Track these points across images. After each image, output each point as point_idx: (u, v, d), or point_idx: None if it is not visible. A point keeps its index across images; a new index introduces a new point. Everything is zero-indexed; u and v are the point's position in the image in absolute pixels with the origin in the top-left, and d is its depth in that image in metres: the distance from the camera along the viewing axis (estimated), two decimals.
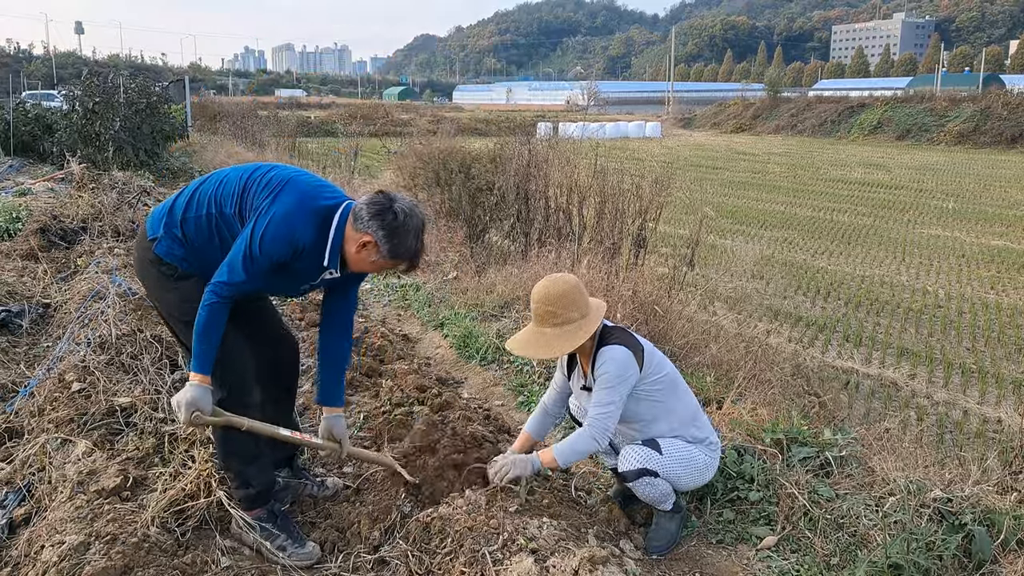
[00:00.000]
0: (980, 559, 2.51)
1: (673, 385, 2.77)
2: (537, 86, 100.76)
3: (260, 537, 2.65)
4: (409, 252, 2.46)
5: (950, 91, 40.03)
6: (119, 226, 7.09)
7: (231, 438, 2.61)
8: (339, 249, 2.48)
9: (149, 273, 2.64)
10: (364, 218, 2.42)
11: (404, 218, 2.42)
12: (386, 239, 2.41)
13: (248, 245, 2.41)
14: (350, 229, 2.46)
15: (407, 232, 2.43)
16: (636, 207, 6.57)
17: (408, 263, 2.51)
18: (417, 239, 2.47)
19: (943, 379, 6.50)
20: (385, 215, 2.41)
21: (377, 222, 2.40)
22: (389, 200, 2.44)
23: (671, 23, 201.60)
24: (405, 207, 2.44)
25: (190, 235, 2.56)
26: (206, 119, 24.81)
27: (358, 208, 2.45)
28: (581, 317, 2.64)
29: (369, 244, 2.43)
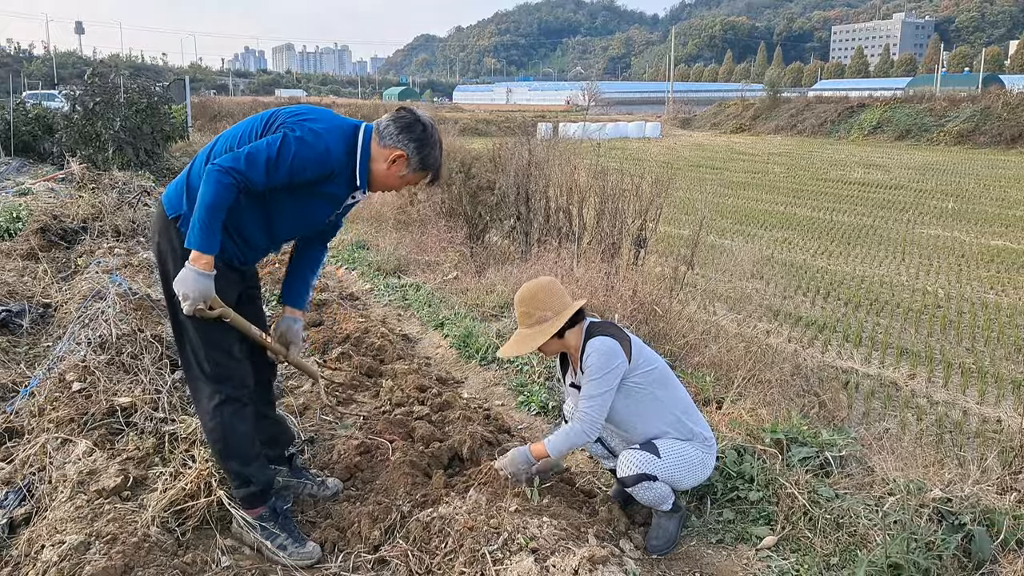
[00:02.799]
0: (980, 559, 2.52)
1: (664, 379, 2.79)
2: (537, 86, 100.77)
3: (260, 536, 2.65)
4: (436, 164, 2.59)
5: (950, 91, 40.08)
6: (119, 226, 7.09)
7: (229, 439, 2.60)
8: (367, 169, 2.54)
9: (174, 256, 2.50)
10: (393, 133, 2.51)
11: (432, 129, 2.55)
12: (417, 151, 2.51)
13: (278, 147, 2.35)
14: (376, 147, 2.53)
15: (434, 144, 2.55)
16: (636, 207, 6.57)
17: (433, 174, 2.62)
18: (440, 152, 2.60)
19: (943, 379, 6.50)
20: (414, 127, 2.51)
21: (407, 135, 2.50)
22: (413, 114, 2.54)
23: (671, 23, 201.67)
24: (426, 119, 2.56)
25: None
26: (206, 119, 24.83)
27: (383, 125, 2.53)
28: (554, 315, 2.73)
29: (400, 158, 2.52)
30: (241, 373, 2.63)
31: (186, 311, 2.40)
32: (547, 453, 2.75)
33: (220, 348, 2.56)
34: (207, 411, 2.60)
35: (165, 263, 2.54)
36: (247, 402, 2.64)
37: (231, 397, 2.58)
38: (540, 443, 2.78)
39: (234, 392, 2.59)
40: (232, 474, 2.66)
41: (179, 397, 3.49)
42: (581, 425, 2.67)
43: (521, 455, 2.79)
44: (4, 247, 6.34)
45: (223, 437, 2.60)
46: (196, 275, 2.35)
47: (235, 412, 2.59)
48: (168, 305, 2.61)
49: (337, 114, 2.66)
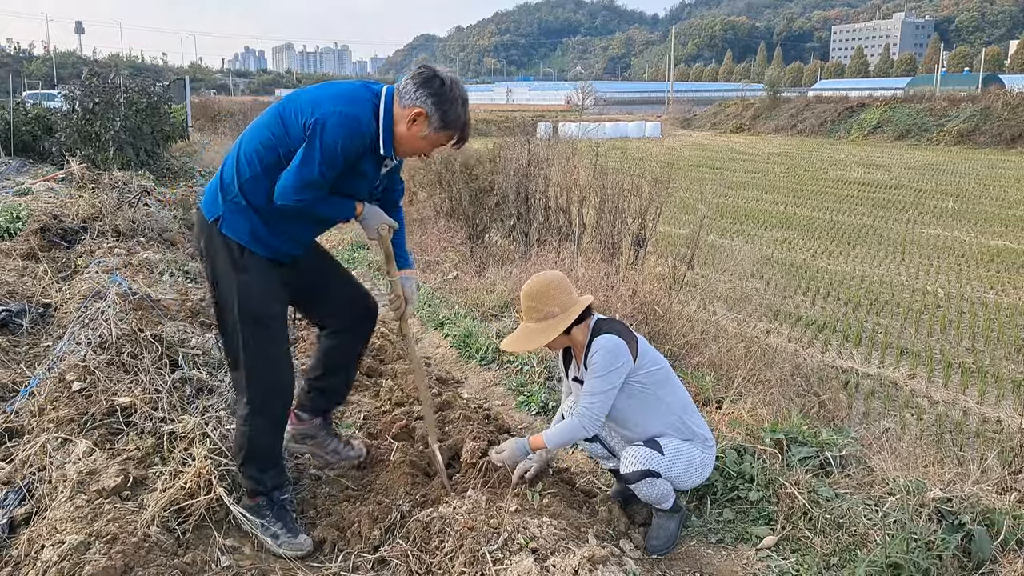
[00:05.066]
0: (980, 559, 2.51)
1: (667, 380, 2.80)
2: (537, 86, 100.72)
3: (256, 524, 2.67)
4: (459, 121, 2.45)
5: (950, 91, 40.04)
6: (119, 226, 7.08)
7: (253, 448, 2.67)
8: (391, 133, 2.46)
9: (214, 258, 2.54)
10: (411, 91, 2.41)
11: (451, 84, 2.42)
12: (436, 107, 2.40)
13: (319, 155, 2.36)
14: (397, 108, 2.44)
15: (455, 100, 2.41)
16: (636, 207, 6.58)
17: (459, 134, 2.50)
18: (464, 109, 2.45)
19: (943, 379, 6.50)
20: (432, 82, 2.40)
21: (425, 90, 2.39)
22: (432, 69, 2.43)
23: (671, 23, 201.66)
24: (448, 74, 2.44)
25: (254, 199, 2.48)
26: (206, 119, 24.81)
27: (403, 84, 2.44)
28: (562, 312, 2.70)
29: (420, 117, 2.41)
30: (284, 387, 2.68)
31: (382, 235, 2.66)
32: (545, 445, 2.75)
33: (266, 356, 2.60)
34: (241, 415, 2.67)
35: (214, 266, 2.56)
36: (282, 415, 2.72)
37: (269, 410, 2.65)
38: (538, 435, 2.78)
39: (273, 405, 2.66)
40: (246, 473, 2.72)
41: (179, 397, 3.49)
42: (581, 420, 2.67)
43: (520, 447, 2.79)
44: (4, 247, 6.33)
45: (248, 443, 2.66)
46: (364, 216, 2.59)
47: (265, 424, 2.66)
48: (216, 308, 2.63)
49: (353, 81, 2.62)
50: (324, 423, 3.04)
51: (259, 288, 2.53)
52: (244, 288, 2.52)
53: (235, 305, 2.53)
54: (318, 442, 3.01)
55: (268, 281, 2.56)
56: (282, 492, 2.80)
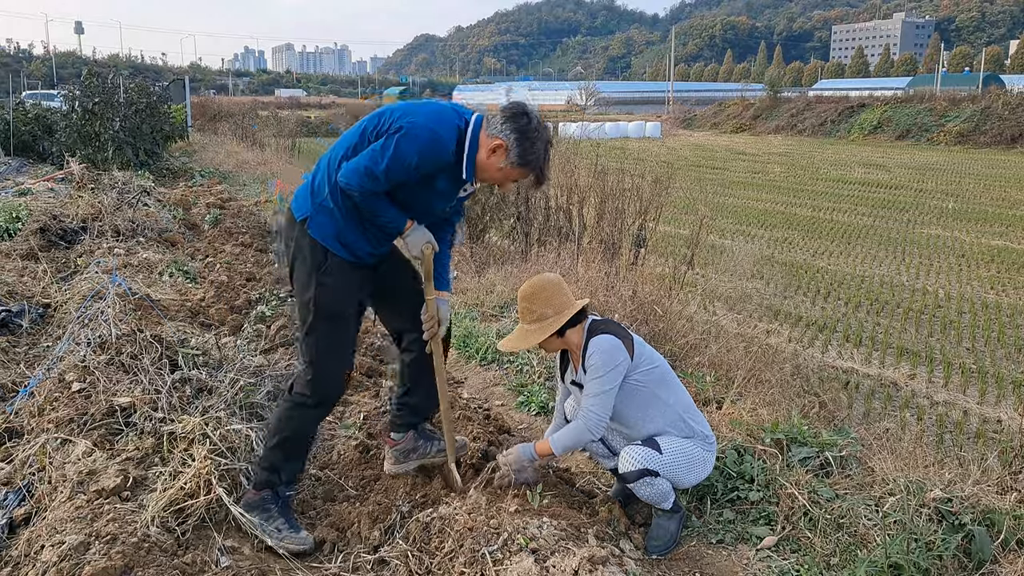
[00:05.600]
0: (980, 559, 2.51)
1: (665, 378, 2.80)
2: (537, 86, 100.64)
3: (259, 516, 2.69)
4: (538, 161, 2.52)
5: (950, 91, 40.01)
6: (119, 226, 7.09)
7: (289, 434, 2.74)
8: (474, 159, 2.54)
9: (300, 259, 2.67)
10: (498, 122, 2.50)
11: (537, 124, 2.50)
12: (518, 143, 2.48)
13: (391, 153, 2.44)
14: (483, 136, 2.53)
15: (537, 139, 2.49)
16: (636, 207, 6.58)
17: (536, 174, 2.56)
18: (546, 150, 2.53)
19: (943, 379, 6.50)
20: (519, 119, 2.49)
21: (511, 125, 2.48)
22: (523, 107, 2.53)
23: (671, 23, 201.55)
24: (536, 116, 2.52)
25: (342, 202, 2.59)
26: (206, 119, 24.82)
27: (492, 114, 2.53)
28: (555, 314, 2.72)
29: (500, 148, 2.49)
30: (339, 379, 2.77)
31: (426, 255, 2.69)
32: (551, 451, 2.74)
33: (333, 353, 2.71)
34: (291, 401, 2.75)
35: (300, 263, 2.68)
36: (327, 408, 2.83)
37: (321, 403, 2.74)
38: (544, 441, 2.77)
39: (325, 399, 2.75)
40: (269, 459, 2.77)
41: (178, 397, 3.49)
42: (586, 423, 2.67)
43: (526, 453, 2.78)
44: (4, 247, 6.33)
45: (284, 429, 2.73)
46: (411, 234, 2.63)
47: (309, 416, 2.76)
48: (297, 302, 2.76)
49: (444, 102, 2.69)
50: (418, 433, 3.07)
51: (338, 289, 2.65)
52: (323, 288, 2.64)
53: (312, 302, 2.65)
54: (420, 452, 3.05)
55: (347, 283, 2.67)
56: (288, 488, 2.83)
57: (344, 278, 2.65)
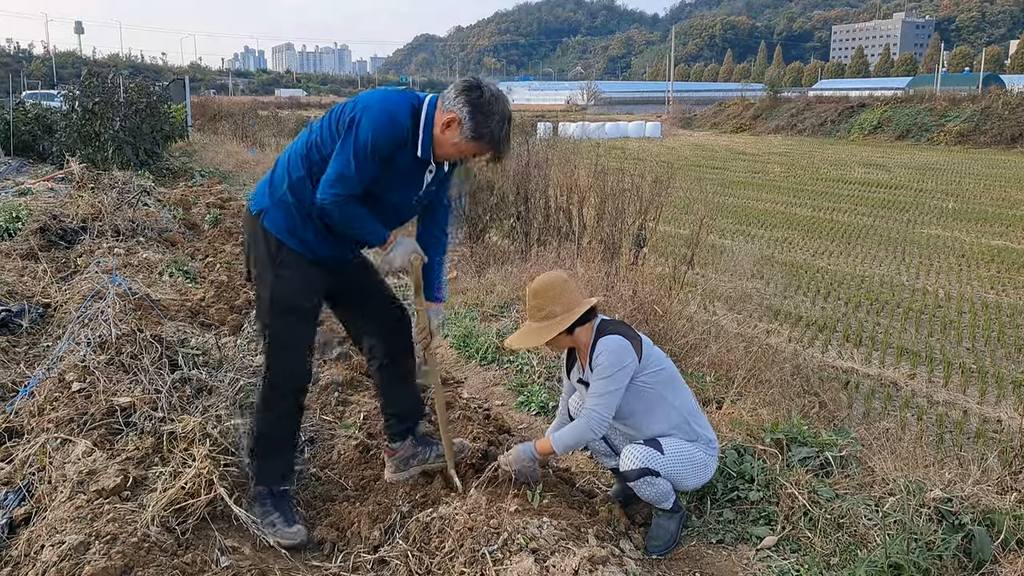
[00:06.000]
0: (980, 559, 2.51)
1: (672, 380, 2.79)
2: (537, 86, 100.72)
3: (258, 513, 2.73)
4: (493, 136, 2.47)
5: (950, 91, 40.01)
6: (119, 226, 7.08)
7: (264, 431, 2.77)
8: (430, 136, 2.51)
9: (256, 252, 2.68)
10: (451, 96, 2.46)
11: (491, 97, 2.44)
12: (470, 116, 2.43)
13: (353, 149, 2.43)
14: (438, 112, 2.49)
15: (492, 113, 2.44)
16: (636, 207, 6.57)
17: (492, 149, 2.51)
18: (502, 125, 2.46)
19: (943, 379, 6.49)
20: (472, 91, 2.44)
21: (463, 97, 2.43)
22: (476, 80, 2.48)
23: (671, 23, 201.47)
24: (492, 89, 2.47)
25: (301, 198, 2.59)
26: (206, 119, 24.81)
27: (446, 91, 2.50)
28: (564, 312, 2.71)
29: (454, 122, 2.45)
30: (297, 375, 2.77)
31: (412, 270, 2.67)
32: (553, 449, 2.74)
33: (288, 347, 2.71)
34: (264, 404, 2.78)
35: (255, 257, 2.70)
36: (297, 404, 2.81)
37: (286, 397, 2.75)
38: (545, 440, 2.76)
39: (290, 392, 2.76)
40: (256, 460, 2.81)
41: (178, 397, 3.49)
42: (588, 422, 2.66)
43: (526, 452, 2.78)
44: (4, 247, 6.33)
45: (259, 426, 2.78)
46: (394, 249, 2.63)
47: (284, 413, 2.77)
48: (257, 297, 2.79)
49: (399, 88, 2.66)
50: (415, 440, 3.06)
51: (294, 281, 2.64)
52: (278, 280, 2.65)
53: (268, 296, 2.67)
54: (420, 458, 3.04)
55: (304, 276, 2.66)
56: (284, 484, 2.85)
57: (300, 271, 2.64)
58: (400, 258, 2.65)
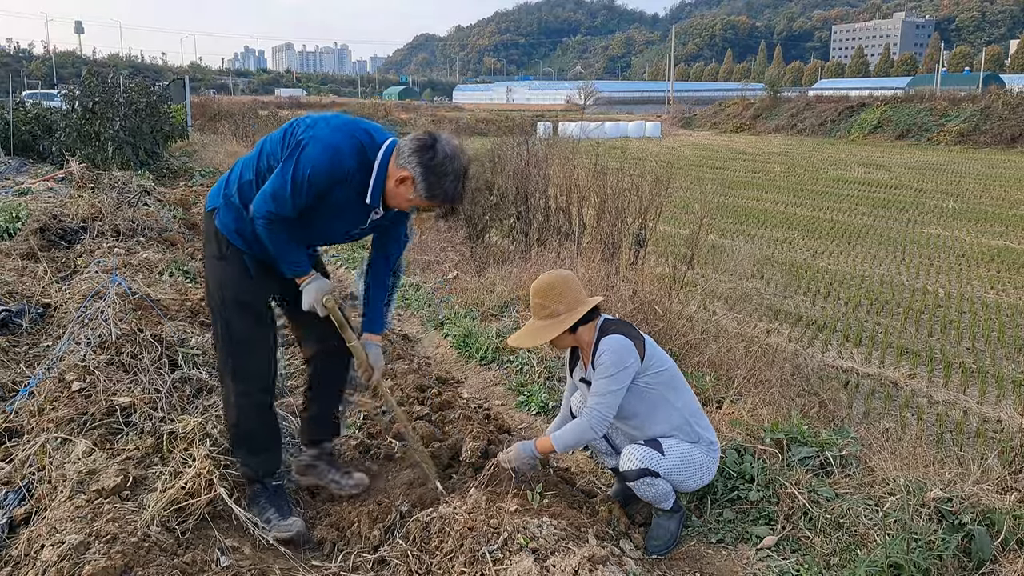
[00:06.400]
0: (980, 559, 2.51)
1: (674, 381, 2.79)
2: (537, 86, 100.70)
3: (255, 510, 2.75)
4: (446, 195, 2.45)
5: (950, 91, 40.05)
6: (119, 226, 7.08)
7: (241, 430, 2.79)
8: (382, 186, 2.49)
9: (205, 247, 2.77)
10: (405, 153, 2.43)
11: (443, 158, 2.40)
12: (423, 177, 2.40)
13: (292, 172, 2.43)
14: (392, 165, 2.46)
15: (445, 174, 2.40)
16: (636, 207, 6.57)
17: (445, 207, 2.51)
18: (457, 183, 2.43)
19: (943, 379, 6.50)
20: (425, 152, 2.40)
21: (416, 158, 2.40)
22: (432, 139, 2.43)
23: (671, 23, 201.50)
24: (447, 148, 2.42)
25: (247, 198, 2.61)
26: (206, 119, 24.81)
27: (402, 143, 2.46)
28: (567, 310, 2.70)
29: (407, 180, 2.43)
30: (261, 372, 2.79)
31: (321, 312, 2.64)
32: (553, 448, 2.73)
33: (244, 341, 2.73)
34: (227, 402, 2.81)
35: (206, 252, 2.79)
36: (263, 399, 2.80)
37: (248, 392, 2.75)
38: (546, 439, 2.76)
39: (251, 388, 2.75)
40: (238, 458, 2.85)
41: (178, 397, 3.49)
42: (589, 421, 2.66)
43: (526, 450, 2.77)
44: (4, 247, 6.33)
45: (236, 426, 2.80)
46: (307, 287, 2.63)
47: (249, 407, 2.77)
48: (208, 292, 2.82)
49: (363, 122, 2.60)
50: (322, 454, 3.09)
51: (240, 277, 2.68)
52: (227, 276, 2.69)
53: (218, 290, 2.72)
54: (318, 472, 3.07)
55: (248, 274, 2.70)
56: (275, 479, 2.85)
57: (245, 268, 2.68)
58: (309, 299, 2.63)
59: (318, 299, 2.62)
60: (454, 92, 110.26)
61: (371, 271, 2.86)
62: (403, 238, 2.87)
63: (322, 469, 3.06)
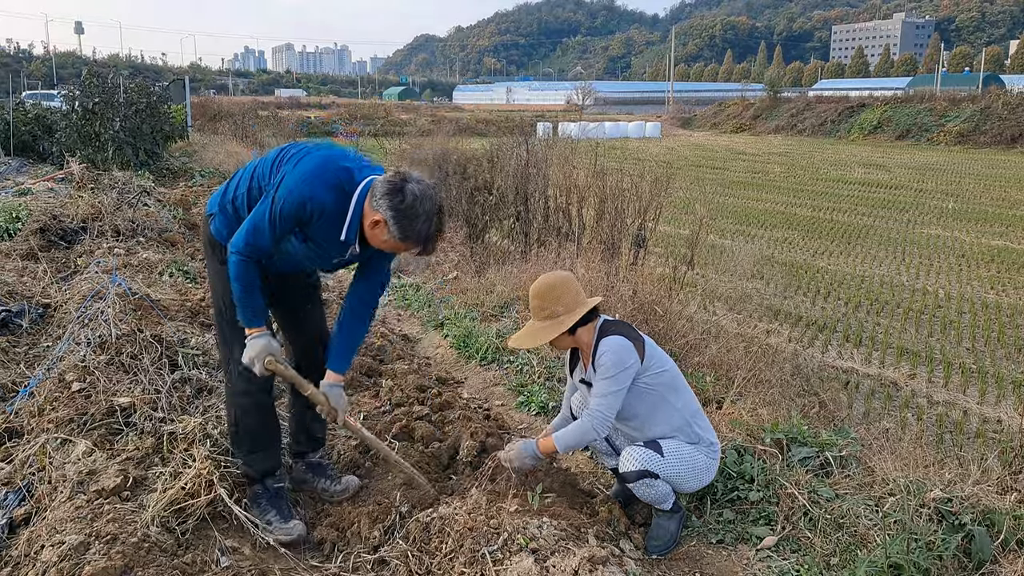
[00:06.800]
0: (980, 559, 2.51)
1: (674, 382, 2.79)
2: (537, 86, 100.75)
3: (255, 512, 2.76)
4: (419, 236, 2.44)
5: (950, 91, 40.05)
6: (119, 226, 7.08)
7: (240, 427, 2.83)
8: (359, 224, 2.51)
9: (204, 250, 2.89)
10: (377, 196, 2.43)
11: (414, 201, 2.39)
12: (395, 220, 2.40)
13: (270, 206, 2.49)
14: (367, 205, 2.47)
15: (416, 216, 2.40)
16: (636, 207, 6.57)
17: (420, 247, 2.50)
18: (429, 223, 2.43)
19: (943, 379, 6.50)
20: (394, 196, 2.39)
21: (387, 201, 2.40)
22: (403, 181, 2.41)
23: (671, 23, 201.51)
24: (417, 190, 2.40)
25: (239, 209, 2.68)
26: (206, 119, 24.79)
27: (375, 185, 2.46)
28: (566, 312, 2.71)
29: (380, 223, 2.44)
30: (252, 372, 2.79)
31: (258, 372, 2.64)
32: (555, 448, 2.73)
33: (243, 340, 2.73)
34: (227, 399, 2.90)
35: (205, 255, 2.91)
36: (263, 398, 2.84)
37: (249, 391, 2.78)
38: (548, 439, 2.75)
39: (252, 387, 2.77)
40: (238, 457, 2.88)
41: (178, 397, 3.49)
42: (591, 422, 2.66)
43: (528, 449, 2.77)
44: (4, 247, 6.33)
45: (235, 424, 2.85)
46: (251, 342, 2.62)
47: (249, 405, 2.81)
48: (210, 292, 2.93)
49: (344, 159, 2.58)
50: (308, 466, 3.13)
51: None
52: (219, 276, 2.74)
53: (217, 291, 2.79)
54: (307, 483, 3.11)
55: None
56: (276, 480, 2.87)
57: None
58: (250, 353, 2.61)
59: (260, 357, 2.59)
60: (454, 92, 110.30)
61: (348, 304, 2.81)
62: (384, 276, 2.85)
63: (311, 479, 3.10)
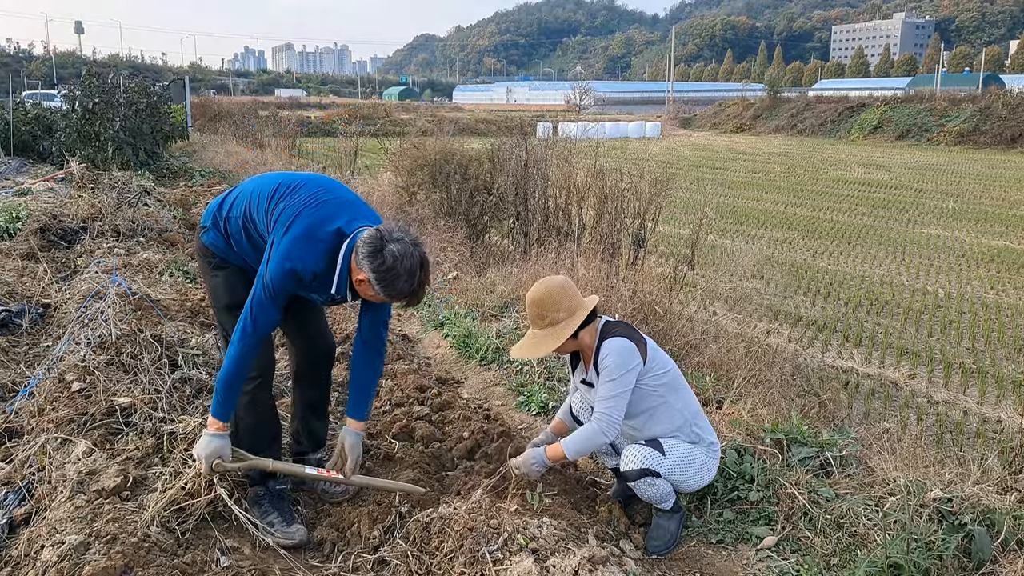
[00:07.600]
0: (980, 559, 2.51)
1: (675, 383, 2.79)
2: (537, 86, 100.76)
3: (256, 513, 2.76)
4: (402, 293, 2.48)
5: (950, 91, 40.06)
6: (119, 226, 7.08)
7: (239, 425, 2.82)
8: (347, 279, 2.55)
9: (198, 259, 2.96)
10: (360, 256, 2.46)
11: (394, 262, 2.41)
12: (377, 281, 2.44)
13: (265, 284, 2.54)
14: (353, 262, 2.51)
15: (397, 277, 2.43)
16: (636, 207, 6.57)
17: (405, 301, 2.54)
18: (411, 281, 2.45)
19: (943, 379, 6.50)
20: (375, 258, 2.42)
21: (368, 263, 2.43)
22: (382, 242, 2.42)
23: (671, 23, 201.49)
24: (397, 251, 2.41)
25: (231, 231, 2.77)
26: (206, 119, 24.78)
27: (359, 243, 2.48)
28: (568, 317, 2.70)
29: (364, 281, 2.49)
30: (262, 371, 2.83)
31: (203, 473, 2.63)
32: (564, 455, 2.72)
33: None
34: None
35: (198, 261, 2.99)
36: (264, 397, 2.87)
37: (247, 390, 2.78)
38: (556, 445, 2.74)
39: (252, 387, 2.79)
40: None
41: (178, 397, 3.49)
42: (599, 426, 2.65)
43: (536, 457, 2.76)
44: (4, 247, 6.33)
45: (236, 424, 2.81)
46: (207, 438, 2.60)
47: (251, 405, 2.82)
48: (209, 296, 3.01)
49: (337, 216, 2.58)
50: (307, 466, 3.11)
51: (231, 283, 2.81)
52: (218, 282, 2.84)
53: (214, 297, 2.90)
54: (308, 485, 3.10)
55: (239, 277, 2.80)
56: (277, 481, 2.87)
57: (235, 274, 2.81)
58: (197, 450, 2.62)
59: (210, 458, 2.58)
60: (454, 92, 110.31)
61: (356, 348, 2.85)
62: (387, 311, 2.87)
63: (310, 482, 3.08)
